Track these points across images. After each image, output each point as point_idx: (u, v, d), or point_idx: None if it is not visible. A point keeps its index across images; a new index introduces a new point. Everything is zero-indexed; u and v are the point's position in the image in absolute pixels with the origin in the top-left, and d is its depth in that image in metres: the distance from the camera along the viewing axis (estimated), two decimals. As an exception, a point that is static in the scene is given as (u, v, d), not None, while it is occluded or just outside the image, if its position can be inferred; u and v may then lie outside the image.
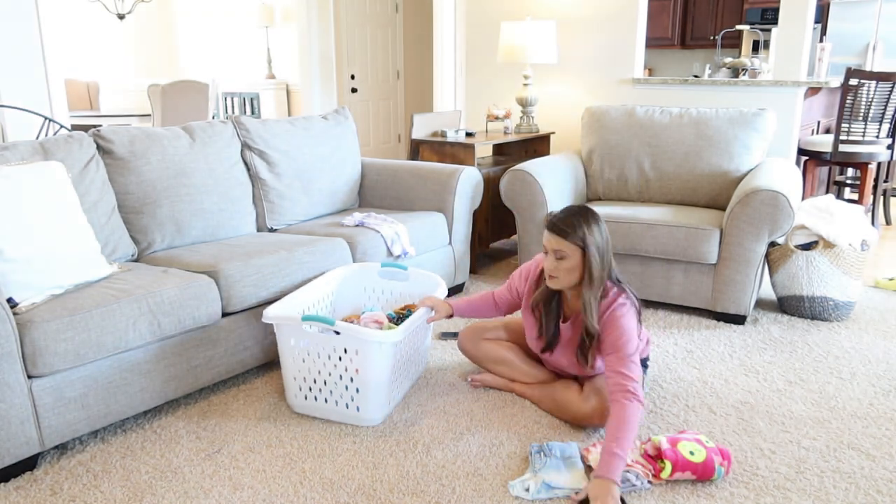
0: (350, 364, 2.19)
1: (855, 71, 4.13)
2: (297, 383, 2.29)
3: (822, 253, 3.06)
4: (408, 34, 7.38)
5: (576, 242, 2.02)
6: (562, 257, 2.05)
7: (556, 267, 2.07)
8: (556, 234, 2.04)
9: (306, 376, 2.27)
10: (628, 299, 2.10)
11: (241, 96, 7.10)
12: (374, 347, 2.16)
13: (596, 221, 2.05)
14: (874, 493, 1.89)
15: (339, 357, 2.20)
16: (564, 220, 2.04)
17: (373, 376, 2.19)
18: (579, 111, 4.57)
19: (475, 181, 3.49)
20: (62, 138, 2.54)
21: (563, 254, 2.04)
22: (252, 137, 3.13)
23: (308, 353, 2.24)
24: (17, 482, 1.97)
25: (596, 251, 2.03)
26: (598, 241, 2.04)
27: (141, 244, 2.71)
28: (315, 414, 2.30)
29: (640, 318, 2.14)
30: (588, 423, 2.19)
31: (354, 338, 2.16)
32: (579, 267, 2.05)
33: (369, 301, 2.81)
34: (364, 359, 2.17)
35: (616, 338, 2.04)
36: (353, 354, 2.18)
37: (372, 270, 2.79)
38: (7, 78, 4.06)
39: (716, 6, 7.48)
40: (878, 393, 2.46)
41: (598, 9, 4.39)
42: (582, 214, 2.05)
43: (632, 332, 2.06)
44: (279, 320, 2.24)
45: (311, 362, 2.24)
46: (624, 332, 2.04)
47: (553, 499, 1.87)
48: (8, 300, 1.99)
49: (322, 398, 2.27)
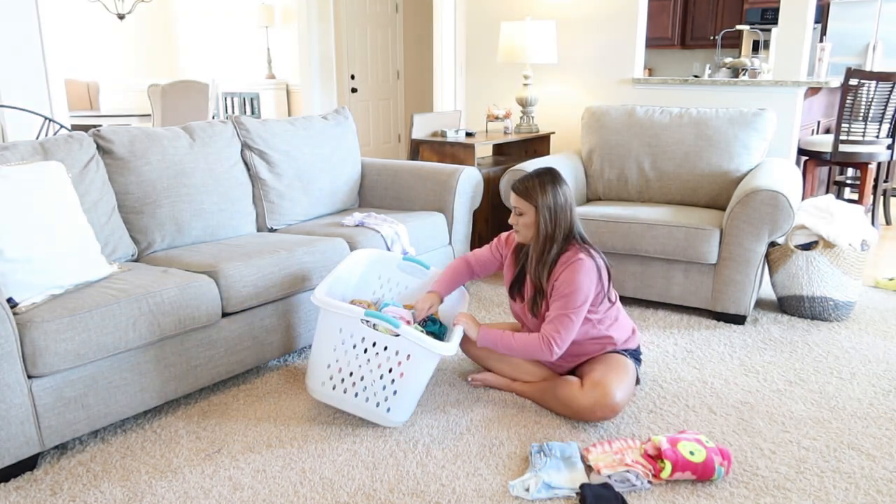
0: (397, 367, 2.16)
1: (855, 71, 4.13)
2: (330, 371, 2.21)
3: (822, 253, 3.06)
4: (408, 34, 7.38)
5: (529, 201, 2.23)
6: (520, 213, 2.27)
7: (517, 222, 2.29)
8: (514, 191, 2.27)
9: (343, 367, 2.19)
10: (590, 258, 2.22)
11: (241, 96, 7.10)
12: (428, 355, 2.14)
13: (553, 184, 2.23)
14: (874, 493, 1.89)
15: (387, 357, 2.15)
16: (523, 181, 2.26)
17: (415, 381, 2.18)
18: (579, 111, 4.57)
19: (475, 181, 3.49)
20: (62, 138, 2.54)
21: (520, 210, 2.26)
22: (252, 137, 3.13)
23: (354, 346, 2.17)
24: (17, 482, 1.97)
25: (547, 211, 2.21)
26: (549, 202, 2.21)
27: (141, 244, 2.71)
28: (336, 405, 2.24)
29: (604, 280, 2.26)
30: (589, 416, 2.20)
31: (413, 343, 2.12)
32: (534, 224, 2.25)
33: (380, 290, 2.74)
34: (413, 364, 2.15)
35: (563, 288, 2.19)
36: (403, 358, 2.15)
37: (392, 260, 2.72)
38: (7, 78, 4.06)
39: (716, 6, 7.48)
40: (878, 393, 2.46)
41: (598, 9, 4.39)
42: (540, 176, 2.24)
43: (582, 287, 2.18)
44: (335, 308, 2.15)
45: (354, 356, 2.17)
46: (571, 285, 2.18)
47: (553, 499, 1.87)
48: (8, 300, 1.99)
49: (353, 392, 2.20)
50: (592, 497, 1.82)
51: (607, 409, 2.17)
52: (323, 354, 2.22)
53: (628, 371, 2.28)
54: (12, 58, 4.07)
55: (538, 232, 2.24)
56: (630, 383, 2.27)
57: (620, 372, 2.25)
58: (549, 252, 2.24)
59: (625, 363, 2.29)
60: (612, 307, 2.33)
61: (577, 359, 2.37)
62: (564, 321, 2.18)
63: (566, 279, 2.19)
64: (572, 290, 2.17)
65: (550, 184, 2.22)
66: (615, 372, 2.24)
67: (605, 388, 2.17)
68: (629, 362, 2.31)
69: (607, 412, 2.18)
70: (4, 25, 4.02)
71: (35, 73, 4.18)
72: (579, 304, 2.18)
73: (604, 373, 2.22)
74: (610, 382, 2.19)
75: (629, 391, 2.25)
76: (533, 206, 2.22)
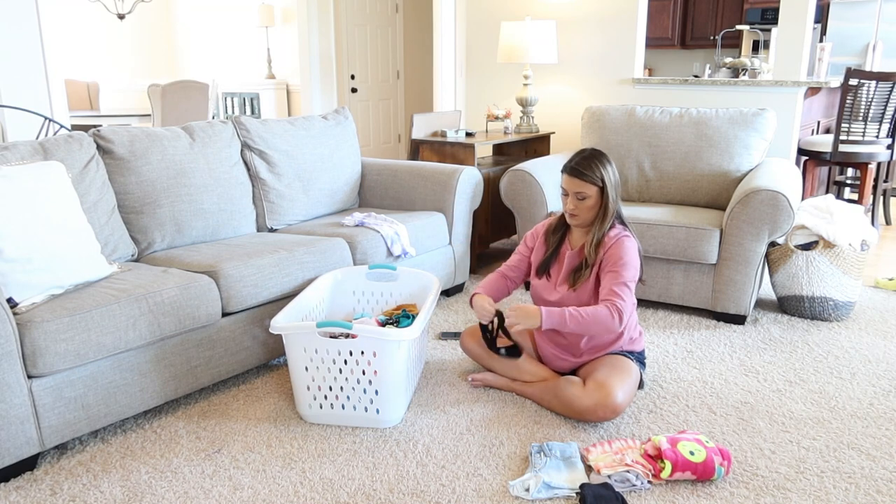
0: (368, 367, 2.17)
1: (855, 71, 4.13)
2: (311, 393, 2.23)
3: (822, 253, 3.06)
4: (408, 34, 7.38)
5: (595, 182, 2.25)
6: (583, 198, 2.27)
7: (577, 206, 2.29)
8: (577, 176, 2.26)
9: (321, 385, 2.22)
10: (633, 238, 2.31)
11: (241, 96, 7.10)
12: (392, 346, 2.15)
13: (609, 162, 2.28)
14: (874, 493, 1.89)
15: (356, 361, 2.17)
16: (582, 164, 2.26)
17: (392, 376, 2.18)
18: (579, 111, 4.57)
19: (475, 181, 3.49)
20: (62, 138, 2.54)
21: (584, 194, 2.26)
22: (252, 137, 3.13)
23: (322, 360, 2.19)
24: (17, 482, 1.97)
25: (612, 189, 2.27)
26: (612, 179, 2.27)
27: (141, 244, 2.71)
28: (332, 422, 2.26)
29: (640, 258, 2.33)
30: (591, 417, 2.20)
31: (372, 339, 2.14)
32: (598, 204, 2.28)
33: (359, 305, 2.78)
34: (382, 359, 2.16)
35: (617, 258, 2.24)
36: (370, 357, 2.16)
37: (360, 273, 2.75)
38: (7, 78, 4.06)
39: (716, 6, 7.48)
40: (878, 393, 2.46)
41: (598, 9, 4.39)
42: (596, 156, 2.27)
43: (634, 259, 2.26)
44: (290, 330, 2.19)
45: (326, 370, 2.20)
46: (626, 255, 2.24)
47: (553, 499, 1.87)
48: (8, 300, 1.99)
49: (339, 405, 2.23)
50: (592, 497, 1.82)
51: (608, 409, 2.17)
52: (299, 378, 2.24)
53: (631, 373, 2.28)
54: (12, 58, 4.07)
55: (604, 210, 2.28)
56: (632, 385, 2.27)
57: (623, 373, 2.25)
58: (607, 227, 2.29)
59: (628, 365, 2.29)
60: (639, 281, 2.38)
61: (590, 354, 2.38)
62: (625, 290, 2.21)
63: (617, 253, 2.25)
64: (624, 262, 2.23)
65: (608, 161, 2.28)
66: (618, 373, 2.24)
67: (607, 389, 2.17)
68: (632, 364, 2.31)
69: (608, 413, 2.18)
70: (4, 25, 4.02)
71: (35, 73, 4.18)
72: (632, 275, 2.24)
73: (606, 374, 2.22)
74: (612, 383, 2.19)
75: (631, 393, 2.25)
76: (598, 186, 2.25)
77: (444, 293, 3.54)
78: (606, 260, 2.26)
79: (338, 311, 2.75)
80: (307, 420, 2.29)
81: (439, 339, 2.98)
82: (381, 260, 3.01)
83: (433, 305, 2.43)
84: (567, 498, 1.87)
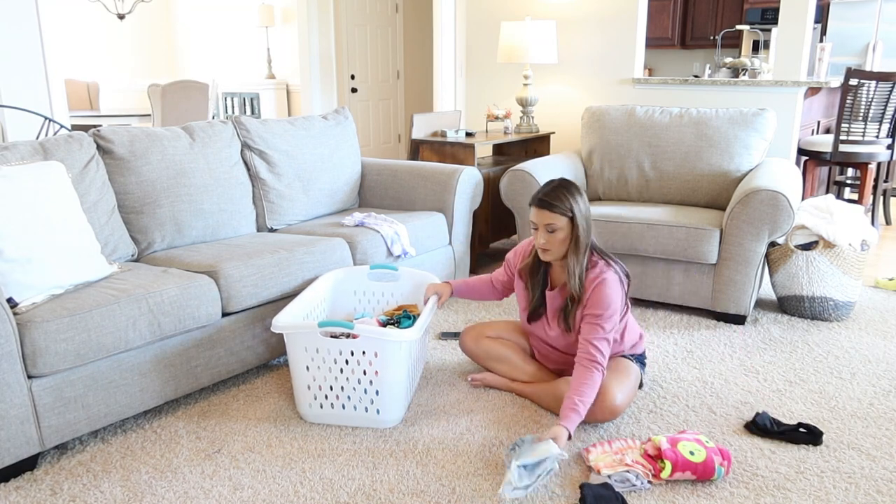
0: (369, 367, 2.17)
1: (855, 71, 4.13)
2: (312, 392, 2.23)
3: (822, 253, 3.06)
4: (408, 34, 7.38)
5: (564, 213, 2.14)
6: (553, 230, 2.16)
7: (549, 240, 2.17)
8: (545, 208, 2.15)
9: (322, 384, 2.22)
10: (615, 272, 2.19)
11: (241, 96, 7.10)
12: (393, 347, 2.15)
13: (579, 192, 2.18)
14: (874, 493, 1.89)
15: (357, 361, 2.17)
16: (550, 195, 2.16)
17: (393, 377, 2.18)
18: (579, 111, 4.57)
19: (475, 181, 3.49)
20: (62, 138, 2.54)
21: (554, 227, 2.15)
22: (252, 137, 3.13)
23: (324, 360, 2.19)
24: (17, 482, 1.97)
25: (582, 219, 2.16)
26: (582, 210, 2.17)
27: (141, 244, 2.71)
28: (332, 422, 2.26)
29: (626, 290, 2.24)
30: (589, 417, 2.19)
31: (374, 339, 2.13)
32: (569, 237, 2.17)
33: (360, 305, 2.78)
34: (384, 360, 2.15)
35: (597, 307, 2.15)
36: (371, 357, 2.15)
37: (361, 273, 2.75)
38: (7, 78, 4.06)
39: (716, 6, 7.48)
40: (878, 393, 2.46)
41: (598, 9, 4.39)
42: (565, 187, 2.17)
43: (614, 306, 2.15)
44: (291, 329, 2.18)
45: (327, 370, 2.20)
46: (606, 305, 2.14)
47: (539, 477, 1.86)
48: (8, 300, 1.99)
49: (339, 405, 2.23)
50: (592, 497, 1.81)
51: (607, 411, 2.17)
52: (300, 377, 2.24)
53: (630, 374, 2.27)
54: (12, 58, 4.07)
55: (575, 244, 2.16)
56: (632, 387, 2.26)
57: (622, 374, 2.24)
58: (584, 260, 2.18)
59: (628, 366, 2.29)
60: (625, 315, 2.31)
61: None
62: (604, 345, 2.13)
63: (597, 300, 2.14)
64: (606, 312, 2.13)
65: (577, 192, 2.16)
66: (617, 374, 2.23)
67: (605, 391, 2.16)
68: (632, 366, 2.31)
69: (606, 415, 2.17)
70: (4, 25, 4.02)
71: (35, 73, 4.18)
72: (613, 324, 2.16)
73: (606, 376, 2.22)
74: (611, 385, 2.18)
75: (630, 394, 2.25)
76: (568, 217, 2.14)
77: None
78: (589, 304, 2.16)
79: (339, 311, 2.75)
80: (307, 420, 2.29)
81: (439, 339, 2.98)
82: (381, 260, 3.00)
83: (434, 306, 2.43)
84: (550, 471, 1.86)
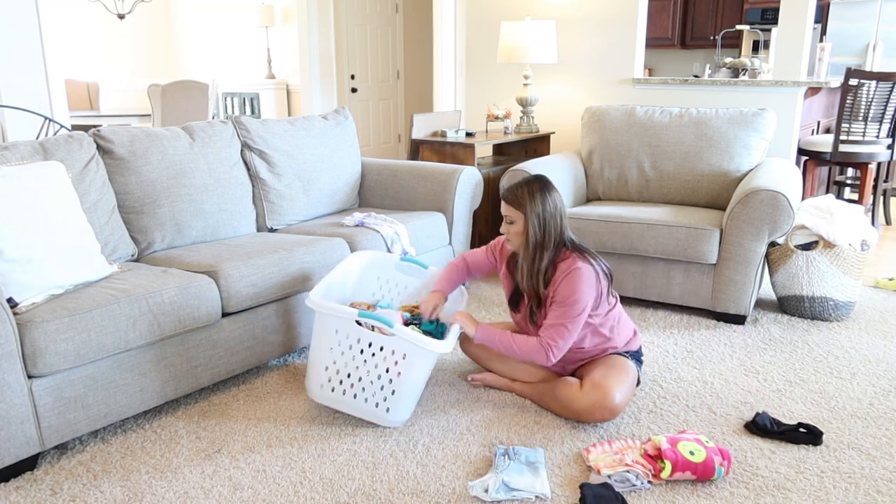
0: (394, 366, 2.16)
1: (855, 71, 4.13)
2: (328, 374, 2.21)
3: (822, 253, 3.06)
4: (408, 34, 7.38)
5: (519, 209, 2.21)
6: (511, 221, 2.24)
7: (508, 230, 2.27)
8: (504, 200, 2.25)
9: (341, 369, 2.20)
10: (588, 263, 2.19)
11: (241, 96, 7.10)
12: (424, 354, 2.14)
13: (542, 191, 2.20)
14: (874, 493, 1.89)
15: (384, 357, 2.16)
16: (512, 189, 2.23)
17: (413, 380, 2.18)
18: (579, 111, 4.57)
19: (475, 181, 3.49)
20: (62, 138, 2.54)
21: (510, 218, 2.24)
22: (252, 137, 3.13)
23: (350, 346, 2.17)
24: (17, 482, 1.97)
25: (536, 219, 2.19)
26: (538, 210, 2.19)
27: (141, 244, 2.71)
28: (337, 407, 2.25)
29: (605, 283, 2.24)
30: (589, 417, 2.20)
31: (407, 342, 2.12)
32: (524, 232, 2.22)
33: (380, 291, 2.74)
34: (410, 363, 2.15)
35: (562, 297, 2.17)
36: (399, 357, 2.15)
37: (390, 261, 2.73)
38: (7, 78, 4.06)
39: (716, 6, 7.48)
40: (878, 393, 2.46)
41: (598, 9, 4.39)
42: (528, 184, 2.22)
43: (581, 297, 2.16)
44: (329, 310, 2.15)
45: (351, 357, 2.18)
46: (571, 295, 2.16)
47: (512, 500, 1.85)
48: (8, 300, 1.99)
49: (352, 394, 2.21)
50: (592, 497, 1.81)
51: (606, 410, 2.17)
52: (321, 356, 2.22)
53: (628, 372, 2.27)
54: (12, 58, 4.07)
55: (527, 240, 2.22)
56: (630, 385, 2.26)
57: (620, 373, 2.24)
58: (541, 261, 2.22)
59: (625, 364, 2.29)
60: (613, 309, 2.32)
61: (579, 363, 2.38)
62: (562, 331, 2.18)
63: (565, 289, 2.17)
64: (572, 301, 2.16)
65: (539, 191, 2.19)
66: (615, 373, 2.23)
67: (604, 390, 2.17)
68: (630, 363, 2.31)
69: (606, 414, 2.18)
70: (4, 25, 4.02)
71: (35, 73, 4.18)
72: (577, 313, 2.17)
73: (604, 374, 2.22)
74: (610, 384, 2.18)
75: (629, 393, 2.25)
76: (522, 213, 2.20)
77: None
78: (556, 294, 2.19)
79: (360, 293, 2.71)
80: (314, 399, 2.28)
81: (439, 339, 2.98)
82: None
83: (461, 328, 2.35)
84: (525, 501, 1.85)
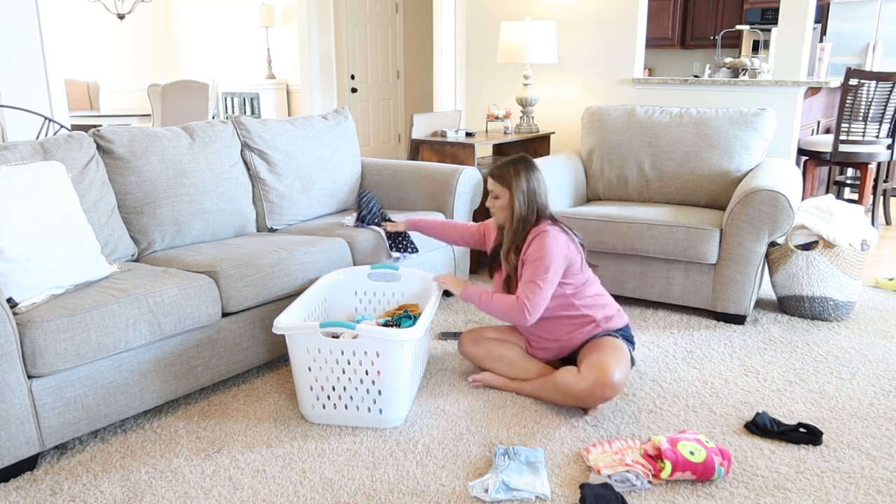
0: (371, 367, 2.17)
1: (855, 71, 4.13)
2: (314, 393, 2.23)
3: (822, 253, 3.06)
4: (408, 34, 7.38)
5: (504, 185, 2.37)
6: (496, 196, 2.40)
7: (493, 204, 2.43)
8: (491, 177, 2.42)
9: (324, 385, 2.21)
10: (561, 230, 2.34)
11: (241, 96, 7.10)
12: (395, 347, 2.15)
13: (527, 170, 2.37)
14: (874, 493, 1.89)
15: (359, 361, 2.17)
16: (499, 166, 2.40)
17: (396, 376, 2.18)
18: (579, 111, 4.57)
19: (475, 181, 3.49)
20: (62, 138, 2.54)
21: (496, 194, 2.40)
22: (252, 137, 3.13)
23: (325, 360, 2.19)
24: (17, 482, 1.97)
25: (521, 194, 2.35)
26: (523, 187, 2.35)
27: (141, 244, 2.71)
28: (334, 422, 2.26)
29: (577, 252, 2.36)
30: (591, 398, 2.22)
31: (375, 339, 2.13)
32: (509, 206, 2.38)
33: (360, 305, 2.78)
34: (385, 360, 2.15)
35: (533, 257, 2.30)
36: (373, 357, 2.16)
37: (362, 274, 2.74)
38: (7, 78, 4.06)
39: (716, 6, 7.48)
40: (878, 393, 2.46)
41: (598, 9, 4.38)
42: (514, 163, 2.39)
43: (549, 253, 2.27)
44: (293, 330, 2.19)
45: (329, 370, 2.20)
46: (539, 251, 2.28)
47: (512, 500, 1.85)
48: (8, 300, 1.99)
49: (342, 405, 2.23)
50: (592, 497, 1.81)
51: (606, 387, 2.18)
52: (303, 377, 2.24)
53: (622, 350, 2.31)
54: (12, 58, 4.07)
55: (512, 214, 2.36)
56: (626, 362, 2.29)
57: (615, 351, 2.28)
58: (523, 234, 2.37)
59: (617, 343, 2.33)
60: (587, 281, 2.40)
61: (558, 343, 2.41)
62: (534, 288, 2.27)
63: (534, 248, 2.30)
64: (540, 257, 2.27)
65: (524, 169, 2.36)
66: (610, 352, 2.27)
67: (602, 368, 2.20)
68: (620, 342, 2.34)
69: (607, 391, 2.19)
70: (4, 25, 4.02)
71: (35, 73, 4.17)
72: (547, 269, 2.27)
73: (599, 355, 2.26)
74: (607, 362, 2.21)
75: (626, 370, 2.27)
76: (507, 189, 2.36)
77: (445, 293, 3.54)
78: (527, 256, 2.32)
79: (339, 312, 2.74)
80: (310, 420, 2.29)
81: (439, 339, 2.98)
82: (382, 260, 3.00)
83: (436, 305, 2.43)
84: (525, 500, 1.85)
